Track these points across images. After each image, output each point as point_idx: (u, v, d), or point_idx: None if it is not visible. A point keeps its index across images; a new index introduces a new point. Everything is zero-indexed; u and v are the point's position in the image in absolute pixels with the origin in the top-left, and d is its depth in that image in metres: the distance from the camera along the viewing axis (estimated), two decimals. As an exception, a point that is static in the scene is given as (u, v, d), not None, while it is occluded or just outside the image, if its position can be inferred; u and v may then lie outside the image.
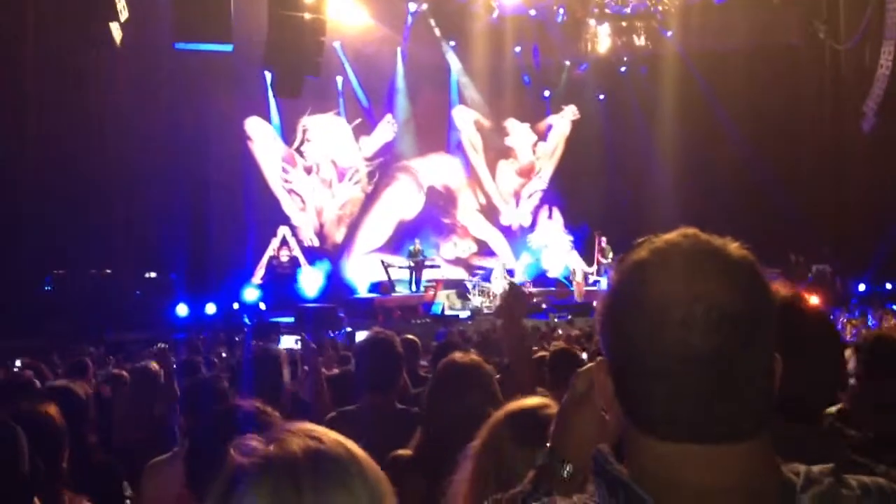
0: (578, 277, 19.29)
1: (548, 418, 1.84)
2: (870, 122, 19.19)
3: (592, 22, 21.45)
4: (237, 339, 12.43)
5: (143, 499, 2.89)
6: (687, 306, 0.96)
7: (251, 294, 17.82)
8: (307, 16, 15.14)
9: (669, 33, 21.13)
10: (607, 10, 20.76)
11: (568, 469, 1.35)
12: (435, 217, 21.52)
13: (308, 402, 3.99)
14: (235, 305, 17.31)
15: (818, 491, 0.98)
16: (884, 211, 18.43)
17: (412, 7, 20.00)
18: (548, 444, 1.43)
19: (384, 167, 20.88)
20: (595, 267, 19.89)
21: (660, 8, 20.57)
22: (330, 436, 1.11)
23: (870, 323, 13.13)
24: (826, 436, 1.86)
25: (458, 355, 2.81)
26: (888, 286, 18.98)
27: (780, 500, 0.98)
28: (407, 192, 21.18)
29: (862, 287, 18.84)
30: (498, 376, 2.84)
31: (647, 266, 1.01)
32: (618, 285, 1.04)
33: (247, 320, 15.60)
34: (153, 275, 17.13)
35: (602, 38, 21.68)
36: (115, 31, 13.26)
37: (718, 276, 0.98)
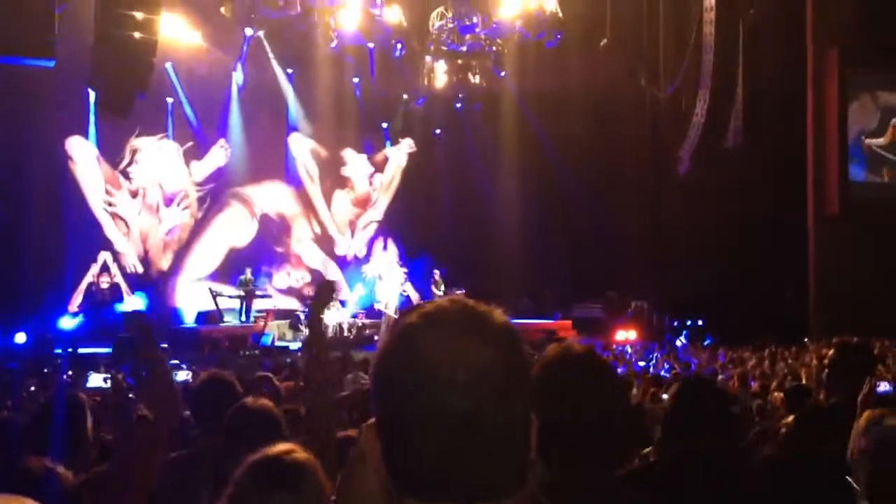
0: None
1: (293, 463, 1.83)
2: (685, 166, 20.50)
3: (429, 58, 21.86)
4: (46, 370, 11.67)
5: None
6: (450, 368, 1.01)
7: (67, 322, 16.85)
8: (137, 35, 14.61)
9: (503, 73, 21.83)
10: (444, 48, 21.20)
11: None
12: (268, 246, 21.15)
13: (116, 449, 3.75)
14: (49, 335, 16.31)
15: None
16: (697, 249, 19.68)
17: (248, 32, 19.67)
18: (332, 498, 1.42)
19: (216, 193, 20.33)
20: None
21: (494, 48, 21.22)
22: None
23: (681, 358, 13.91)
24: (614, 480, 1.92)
25: (249, 400, 2.75)
26: (699, 322, 20.20)
27: None
28: (239, 219, 20.71)
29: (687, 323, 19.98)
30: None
31: (415, 329, 1.06)
32: (387, 347, 1.08)
33: (59, 351, 14.70)
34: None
35: (439, 74, 22.11)
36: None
37: (480, 341, 1.04)
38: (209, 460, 3.02)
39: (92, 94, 17.15)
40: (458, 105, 22.98)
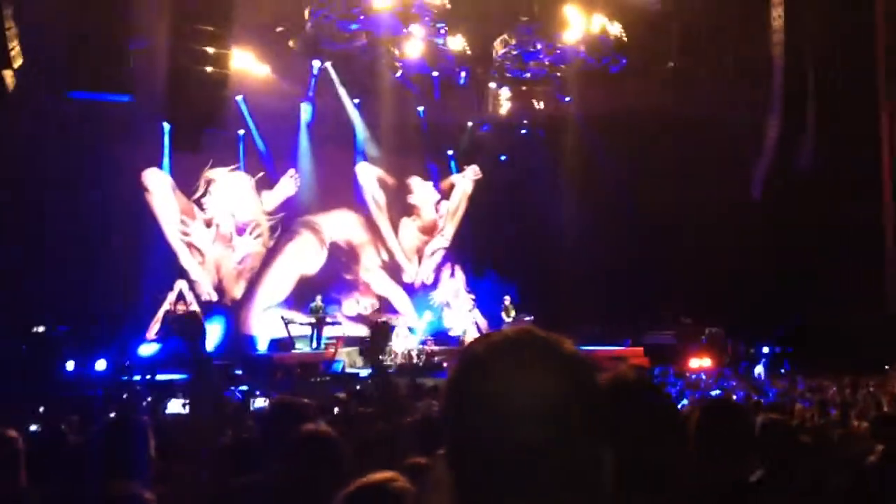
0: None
1: (394, 491, 1.86)
2: (758, 190, 20.12)
3: (493, 85, 21.96)
4: (126, 397, 11.97)
5: None
6: (518, 399, 1.00)
7: (145, 349, 17.26)
8: (209, 69, 15.04)
9: (567, 99, 21.79)
10: (507, 74, 21.28)
11: None
12: (337, 273, 21.38)
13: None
14: (128, 362, 16.72)
15: None
16: (774, 275, 19.23)
17: (316, 64, 20.10)
18: None
19: (286, 222, 20.69)
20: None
21: (558, 74, 21.21)
22: None
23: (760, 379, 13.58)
24: None
25: (310, 427, 2.77)
26: (777, 349, 19.66)
27: None
28: (309, 247, 21.01)
29: (765, 350, 19.47)
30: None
31: (482, 360, 1.06)
32: (455, 379, 1.08)
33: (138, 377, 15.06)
34: (41, 329, 16.40)
35: (503, 101, 22.20)
36: (9, 78, 12.86)
37: (549, 372, 1.03)
38: (274, 485, 3.10)
39: (167, 127, 17.66)
40: (523, 131, 23.01)
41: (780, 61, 18.82)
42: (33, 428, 6.87)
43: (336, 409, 7.71)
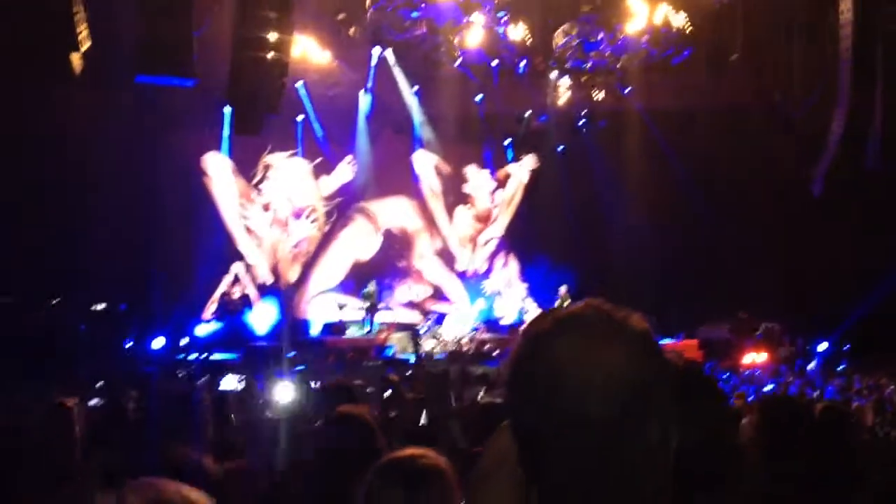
0: None
1: (424, 466, 1.89)
2: (819, 187, 19.65)
3: (553, 75, 21.79)
4: (180, 374, 12.24)
5: None
6: (585, 374, 0.99)
7: (201, 329, 17.60)
8: (270, 55, 15.19)
9: (628, 90, 21.53)
10: (568, 65, 21.09)
11: None
12: (390, 260, 21.51)
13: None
14: (184, 340, 17.07)
15: None
16: (833, 271, 18.81)
17: (376, 51, 20.18)
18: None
19: (342, 207, 20.87)
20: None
21: (619, 65, 20.96)
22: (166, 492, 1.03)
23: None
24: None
25: (346, 408, 2.84)
26: (833, 346, 19.29)
27: None
28: (364, 233, 21.16)
29: (823, 346, 19.11)
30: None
31: (548, 335, 1.04)
32: (521, 353, 1.07)
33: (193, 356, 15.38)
34: (102, 306, 16.83)
35: (562, 91, 22.02)
36: (76, 61, 13.17)
37: (617, 347, 1.01)
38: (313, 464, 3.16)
39: (227, 112, 17.92)
40: (582, 122, 22.81)
41: (848, 55, 18.31)
42: (94, 402, 7.10)
43: (387, 392, 7.79)
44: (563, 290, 19.93)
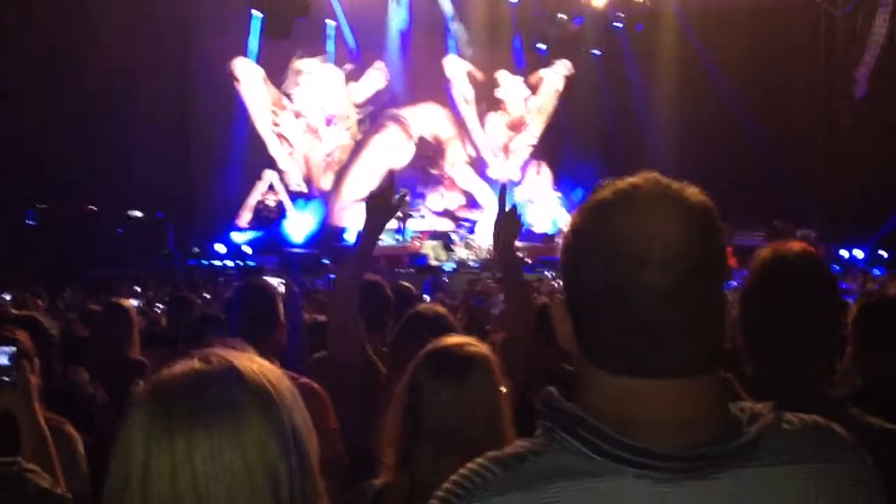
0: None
1: (465, 354, 1.94)
2: (862, 89, 19.19)
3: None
4: (221, 279, 12.45)
5: None
6: (643, 243, 1.00)
7: (238, 237, 17.81)
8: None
9: (667, -10, 20.92)
10: (605, -35, 20.50)
11: None
12: (423, 167, 21.43)
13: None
14: (222, 248, 17.31)
15: (762, 424, 1.02)
16: (871, 179, 18.50)
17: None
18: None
19: (374, 115, 20.72)
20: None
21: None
22: (225, 360, 1.01)
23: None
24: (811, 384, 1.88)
25: (423, 307, 2.88)
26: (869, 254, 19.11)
27: (727, 433, 1.01)
28: (396, 141, 21.05)
29: (860, 254, 18.96)
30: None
31: (607, 205, 1.06)
32: (578, 223, 1.08)
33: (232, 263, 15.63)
34: (138, 213, 17.04)
35: (598, -7, 21.43)
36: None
37: (676, 218, 1.03)
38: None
39: (256, 16, 17.70)
40: (618, 24, 22.23)
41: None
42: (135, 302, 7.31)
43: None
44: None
